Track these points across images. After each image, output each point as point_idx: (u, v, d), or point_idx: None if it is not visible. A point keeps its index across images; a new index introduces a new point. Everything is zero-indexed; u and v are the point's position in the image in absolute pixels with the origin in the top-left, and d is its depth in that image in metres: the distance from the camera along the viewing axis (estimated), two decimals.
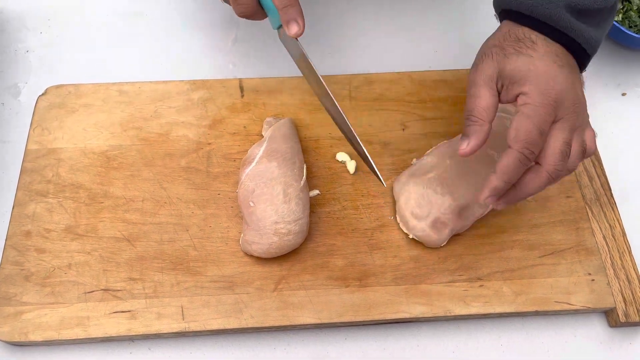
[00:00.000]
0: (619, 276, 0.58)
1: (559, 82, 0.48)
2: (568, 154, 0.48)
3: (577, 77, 0.50)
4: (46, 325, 0.54)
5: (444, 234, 0.58)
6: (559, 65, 0.49)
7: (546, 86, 0.48)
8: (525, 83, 0.48)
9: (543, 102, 0.47)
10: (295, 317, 0.55)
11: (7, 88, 0.71)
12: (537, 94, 0.48)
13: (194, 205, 0.61)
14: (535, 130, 0.47)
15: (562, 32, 0.50)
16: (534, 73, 0.48)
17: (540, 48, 0.49)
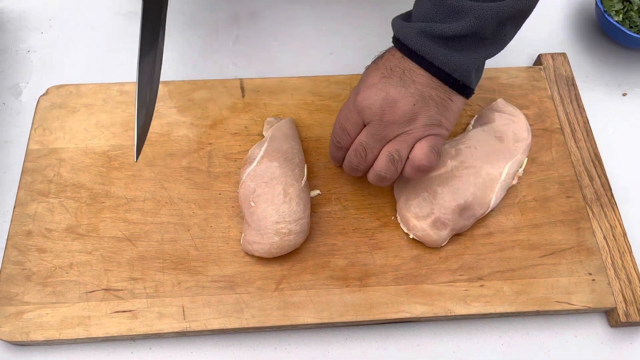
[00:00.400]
0: (620, 276, 0.58)
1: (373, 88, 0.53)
2: (364, 156, 0.55)
3: (427, 99, 0.52)
4: (47, 324, 0.55)
5: (444, 233, 0.58)
6: (382, 75, 0.53)
7: (360, 94, 0.53)
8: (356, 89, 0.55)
9: (350, 106, 0.54)
10: (296, 317, 0.55)
11: (8, 88, 0.71)
12: (353, 95, 0.54)
13: (195, 205, 0.61)
14: (337, 126, 0.56)
15: (410, 49, 0.52)
16: (363, 77, 0.54)
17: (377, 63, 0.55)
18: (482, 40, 0.52)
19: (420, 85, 0.52)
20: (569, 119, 0.67)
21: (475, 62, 0.52)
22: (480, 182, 0.59)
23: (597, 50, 0.76)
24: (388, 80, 0.52)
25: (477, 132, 0.62)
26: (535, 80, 0.70)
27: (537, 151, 0.65)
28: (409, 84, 0.52)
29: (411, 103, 0.52)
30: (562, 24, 0.79)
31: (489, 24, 0.50)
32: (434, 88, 0.52)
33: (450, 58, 0.51)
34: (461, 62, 0.51)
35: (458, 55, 0.51)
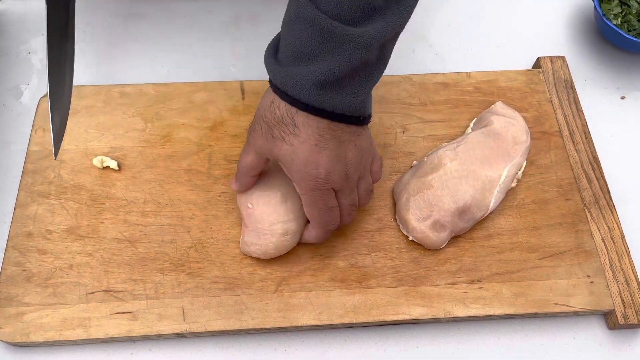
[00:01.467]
0: (618, 279, 0.59)
1: (322, 165, 0.50)
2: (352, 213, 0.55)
3: (350, 142, 0.51)
4: (47, 326, 0.55)
5: (443, 236, 0.58)
6: (320, 148, 0.49)
7: (310, 175, 0.50)
8: (292, 173, 0.51)
9: (314, 189, 0.51)
10: (296, 319, 0.56)
11: (9, 90, 0.71)
12: (304, 185, 0.51)
13: (195, 207, 0.61)
14: (323, 211, 0.53)
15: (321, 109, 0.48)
16: (297, 164, 0.50)
17: (302, 133, 0.49)
18: (371, 68, 0.49)
19: (334, 140, 0.50)
20: (568, 122, 0.68)
21: (368, 95, 0.51)
22: (479, 184, 0.59)
23: (595, 53, 0.77)
24: (323, 151, 0.49)
25: (476, 135, 0.63)
26: (534, 83, 0.70)
27: (536, 154, 0.65)
28: (331, 142, 0.50)
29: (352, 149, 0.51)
30: (561, 27, 0.79)
31: (374, 50, 0.47)
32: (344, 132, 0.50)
33: (349, 101, 0.48)
34: (358, 101, 0.49)
35: (354, 96, 0.48)
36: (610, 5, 0.73)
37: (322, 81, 0.46)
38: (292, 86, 0.47)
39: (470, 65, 0.74)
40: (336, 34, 0.44)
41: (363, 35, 0.45)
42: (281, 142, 0.50)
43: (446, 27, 0.78)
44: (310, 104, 0.47)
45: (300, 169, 0.50)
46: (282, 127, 0.49)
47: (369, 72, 0.49)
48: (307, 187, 0.51)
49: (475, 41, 0.77)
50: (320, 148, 0.49)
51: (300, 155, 0.49)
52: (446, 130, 0.67)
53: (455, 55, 0.76)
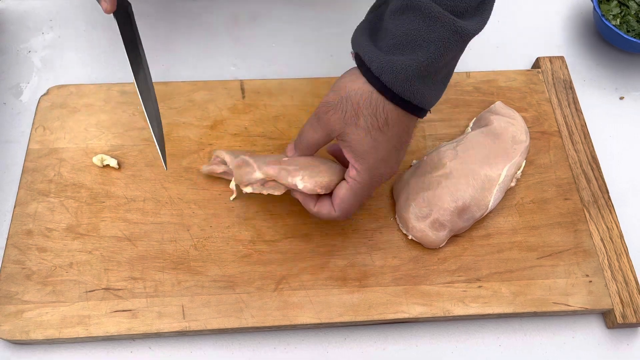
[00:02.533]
0: (617, 278, 0.59)
1: (389, 165, 0.51)
2: None
3: (408, 140, 0.52)
4: (47, 323, 0.55)
5: (443, 235, 0.58)
6: (397, 149, 0.50)
7: (377, 170, 0.50)
8: (361, 161, 0.50)
9: (370, 182, 0.51)
10: (295, 317, 0.56)
11: (9, 88, 0.71)
12: (367, 175, 0.51)
13: (195, 205, 0.61)
14: (357, 204, 0.53)
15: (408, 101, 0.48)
16: (373, 157, 0.50)
17: (390, 131, 0.49)
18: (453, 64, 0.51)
19: (406, 143, 0.52)
20: (567, 122, 0.68)
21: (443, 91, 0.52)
22: (478, 184, 0.59)
23: (594, 54, 0.77)
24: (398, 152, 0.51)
25: (476, 135, 0.63)
26: (533, 83, 0.70)
27: (535, 153, 0.66)
28: (404, 146, 0.52)
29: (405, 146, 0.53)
30: (560, 27, 0.79)
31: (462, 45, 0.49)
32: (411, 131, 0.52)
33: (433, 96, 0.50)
34: (437, 96, 0.50)
35: (438, 91, 0.50)
36: (609, 6, 0.74)
37: (421, 71, 0.46)
38: (389, 74, 0.47)
39: (469, 65, 0.74)
40: (445, 22, 0.45)
41: (467, 28, 0.46)
42: (365, 133, 0.49)
43: None
44: (402, 95, 0.47)
45: (373, 163, 0.50)
46: (373, 118, 0.48)
47: (453, 67, 0.50)
48: (366, 178, 0.51)
49: (475, 41, 0.77)
50: (398, 149, 0.50)
51: (380, 153, 0.49)
52: (446, 129, 0.67)
53: None
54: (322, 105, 0.50)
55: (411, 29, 0.46)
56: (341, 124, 0.49)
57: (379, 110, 0.48)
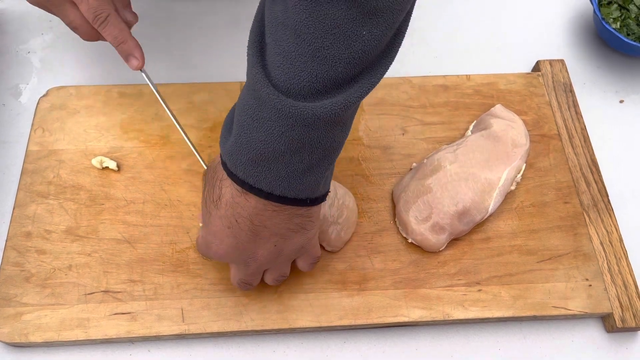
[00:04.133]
0: (616, 282, 0.59)
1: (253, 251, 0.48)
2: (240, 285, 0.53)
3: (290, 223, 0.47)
4: (46, 326, 0.55)
5: (442, 238, 0.58)
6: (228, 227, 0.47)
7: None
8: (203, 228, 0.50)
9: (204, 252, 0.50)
10: (295, 321, 0.56)
11: (8, 89, 0.71)
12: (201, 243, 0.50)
13: (195, 208, 0.61)
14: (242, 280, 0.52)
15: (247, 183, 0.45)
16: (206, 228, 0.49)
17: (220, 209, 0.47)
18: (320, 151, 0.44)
19: (273, 226, 0.46)
20: (567, 126, 0.68)
21: (316, 179, 0.45)
22: (478, 187, 0.59)
23: (594, 57, 0.77)
24: (238, 236, 0.47)
25: (476, 138, 0.63)
26: (533, 86, 0.70)
27: (535, 157, 0.66)
28: (261, 231, 0.47)
29: (271, 246, 0.48)
30: (560, 31, 0.79)
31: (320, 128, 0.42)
32: (287, 220, 0.47)
33: (289, 184, 0.44)
34: (302, 186, 0.45)
35: (298, 180, 0.44)
36: (609, 9, 0.74)
37: (256, 156, 0.43)
38: (230, 160, 0.45)
39: (470, 68, 0.74)
40: (273, 106, 0.41)
41: (306, 110, 0.40)
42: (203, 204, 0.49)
43: (446, 29, 0.78)
44: (245, 180, 0.44)
45: (210, 236, 0.48)
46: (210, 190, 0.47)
47: (316, 151, 0.43)
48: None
49: (475, 44, 0.77)
50: (235, 232, 0.47)
51: (215, 225, 0.47)
52: (446, 132, 0.67)
53: (455, 57, 0.76)
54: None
55: (247, 110, 0.43)
56: None
57: (217, 184, 0.47)
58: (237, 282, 0.52)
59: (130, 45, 0.53)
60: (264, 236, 0.47)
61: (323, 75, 0.40)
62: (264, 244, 0.48)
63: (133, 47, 0.54)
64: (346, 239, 0.58)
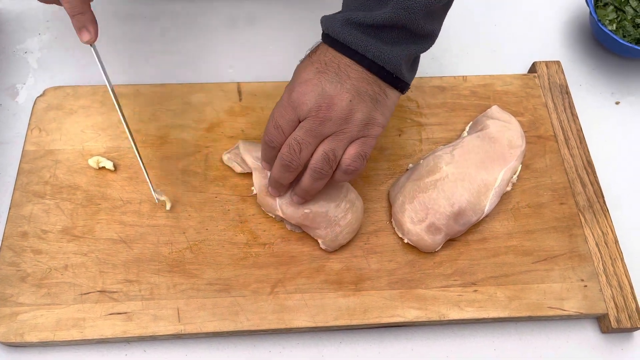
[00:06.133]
0: (611, 283, 0.59)
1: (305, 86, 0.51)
2: (298, 152, 0.52)
3: (365, 97, 0.51)
4: (42, 326, 0.54)
5: (438, 238, 0.59)
6: (315, 72, 0.51)
7: (295, 90, 0.52)
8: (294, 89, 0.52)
9: (284, 103, 0.52)
10: (291, 321, 0.56)
11: (5, 89, 0.71)
12: (286, 95, 0.53)
13: (191, 208, 0.61)
14: (271, 125, 0.53)
15: (341, 43, 0.51)
16: (294, 76, 0.53)
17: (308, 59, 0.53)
18: (411, 34, 0.51)
19: (355, 80, 0.51)
20: (563, 127, 0.68)
21: (407, 55, 0.52)
22: (474, 188, 0.59)
23: (590, 58, 0.77)
24: (323, 75, 0.51)
25: (472, 139, 0.63)
26: (529, 87, 0.71)
27: (531, 158, 0.66)
28: (344, 80, 0.51)
29: (347, 99, 0.51)
30: (557, 32, 0.79)
31: (416, 15, 0.50)
32: (368, 83, 0.51)
33: (382, 50, 0.50)
34: (392, 55, 0.51)
35: (389, 48, 0.51)
36: (605, 11, 0.74)
37: (356, 21, 0.50)
38: (331, 24, 0.52)
39: (466, 69, 0.74)
40: None
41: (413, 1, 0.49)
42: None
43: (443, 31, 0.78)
44: (337, 38, 0.51)
45: (297, 79, 0.52)
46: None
47: (408, 36, 0.51)
48: (284, 97, 0.53)
49: (472, 45, 0.78)
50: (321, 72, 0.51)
51: (304, 70, 0.52)
52: (442, 133, 0.67)
53: (451, 59, 0.76)
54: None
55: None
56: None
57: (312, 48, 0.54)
58: (290, 142, 0.52)
59: (87, 18, 0.53)
60: (346, 86, 0.51)
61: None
62: (343, 93, 0.51)
63: (89, 20, 0.53)
64: (343, 242, 0.58)
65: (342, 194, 0.57)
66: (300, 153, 0.52)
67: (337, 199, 0.57)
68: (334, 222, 0.57)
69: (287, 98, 0.52)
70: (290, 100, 0.51)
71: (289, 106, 0.52)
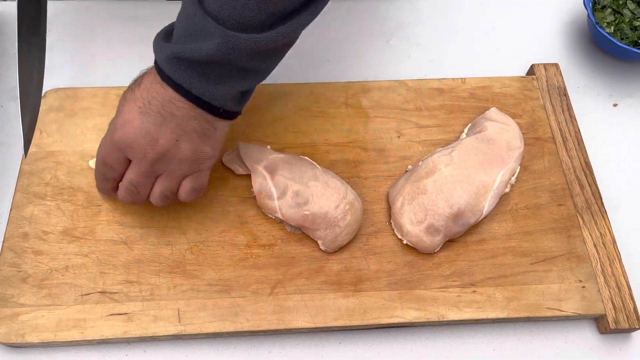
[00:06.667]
0: (609, 283, 0.59)
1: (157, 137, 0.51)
2: (137, 194, 0.54)
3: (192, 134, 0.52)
4: (43, 327, 0.55)
5: (437, 239, 0.59)
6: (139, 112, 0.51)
7: (118, 131, 0.51)
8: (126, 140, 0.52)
9: (109, 142, 0.53)
10: (291, 321, 0.56)
11: (6, 91, 0.71)
12: (109, 135, 0.53)
13: (192, 209, 0.61)
14: (99, 162, 0.54)
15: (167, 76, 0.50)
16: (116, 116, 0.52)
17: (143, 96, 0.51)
18: (238, 69, 0.50)
19: (180, 119, 0.50)
20: (561, 129, 0.68)
21: (232, 91, 0.51)
22: (473, 189, 0.60)
23: (589, 61, 0.77)
24: (146, 116, 0.50)
25: (471, 140, 0.63)
26: (528, 89, 0.71)
27: (530, 159, 0.66)
28: (169, 119, 0.50)
29: (173, 140, 0.51)
30: (555, 35, 0.80)
31: (240, 54, 0.48)
32: (195, 118, 0.51)
33: (207, 87, 0.50)
34: (217, 92, 0.50)
35: (213, 85, 0.50)
36: (603, 13, 0.74)
37: (186, 59, 0.48)
38: (159, 56, 0.50)
39: (465, 71, 0.74)
40: (200, 24, 0.47)
41: (224, 33, 0.47)
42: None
43: (442, 33, 0.79)
44: (164, 71, 0.50)
45: (120, 117, 0.51)
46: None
47: (234, 73, 0.50)
48: (109, 134, 0.53)
49: (470, 48, 0.78)
50: (144, 113, 0.50)
51: (127, 108, 0.51)
52: (441, 135, 0.67)
53: (450, 61, 0.76)
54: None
55: (186, 26, 0.49)
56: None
57: (138, 79, 0.53)
58: (126, 185, 0.53)
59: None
60: (171, 125, 0.51)
61: (266, 11, 0.47)
62: (168, 134, 0.51)
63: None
64: (342, 244, 0.59)
65: (341, 196, 0.58)
66: (139, 193, 0.54)
67: (337, 201, 0.57)
68: (334, 224, 0.57)
69: (110, 139, 0.52)
70: (114, 142, 0.52)
71: (115, 146, 0.52)
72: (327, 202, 0.57)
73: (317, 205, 0.57)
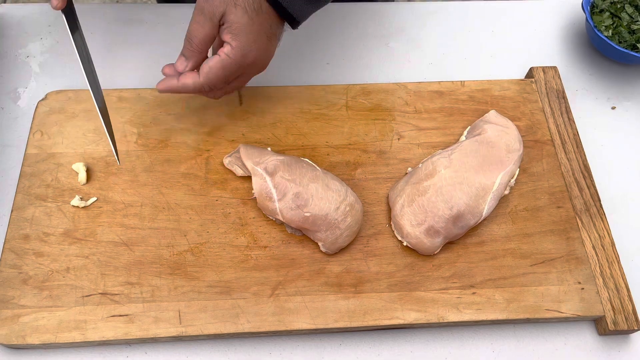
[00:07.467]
0: (608, 285, 0.60)
1: (260, 50, 0.57)
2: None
3: (276, 38, 0.59)
4: (44, 328, 0.55)
5: (437, 241, 0.59)
6: (267, 37, 0.57)
7: (249, 51, 0.56)
8: (237, 38, 0.56)
9: (241, 61, 0.57)
10: (291, 323, 0.56)
11: (7, 93, 0.72)
12: (239, 53, 0.56)
13: (192, 211, 0.61)
14: (223, 79, 0.58)
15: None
16: (246, 35, 0.56)
17: (262, 16, 0.56)
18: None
19: (274, 37, 0.58)
20: (560, 131, 0.69)
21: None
22: (473, 192, 0.60)
23: (587, 64, 0.78)
24: (269, 41, 0.58)
25: (470, 143, 0.64)
26: (526, 92, 0.71)
27: (529, 162, 0.66)
28: (272, 39, 0.58)
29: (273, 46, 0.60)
30: (554, 38, 0.80)
31: None
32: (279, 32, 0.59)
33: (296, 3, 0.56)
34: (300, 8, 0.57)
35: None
36: (601, 17, 0.75)
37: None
38: None
39: (464, 74, 0.75)
40: None
41: None
42: (242, 11, 0.55)
43: (441, 36, 0.79)
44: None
45: (247, 43, 0.56)
46: (249, 2, 0.55)
47: None
48: (238, 55, 0.56)
49: (470, 51, 0.78)
50: (269, 37, 0.57)
51: (253, 33, 0.56)
52: (440, 137, 0.68)
53: (449, 64, 0.77)
54: None
55: None
56: (222, 4, 0.55)
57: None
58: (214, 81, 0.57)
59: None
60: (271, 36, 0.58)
61: None
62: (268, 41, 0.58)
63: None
64: (342, 245, 0.59)
65: (341, 197, 0.58)
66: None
67: (337, 202, 0.58)
68: (334, 225, 0.57)
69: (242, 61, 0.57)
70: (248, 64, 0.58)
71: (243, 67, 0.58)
72: (328, 204, 0.57)
73: (317, 207, 0.57)
